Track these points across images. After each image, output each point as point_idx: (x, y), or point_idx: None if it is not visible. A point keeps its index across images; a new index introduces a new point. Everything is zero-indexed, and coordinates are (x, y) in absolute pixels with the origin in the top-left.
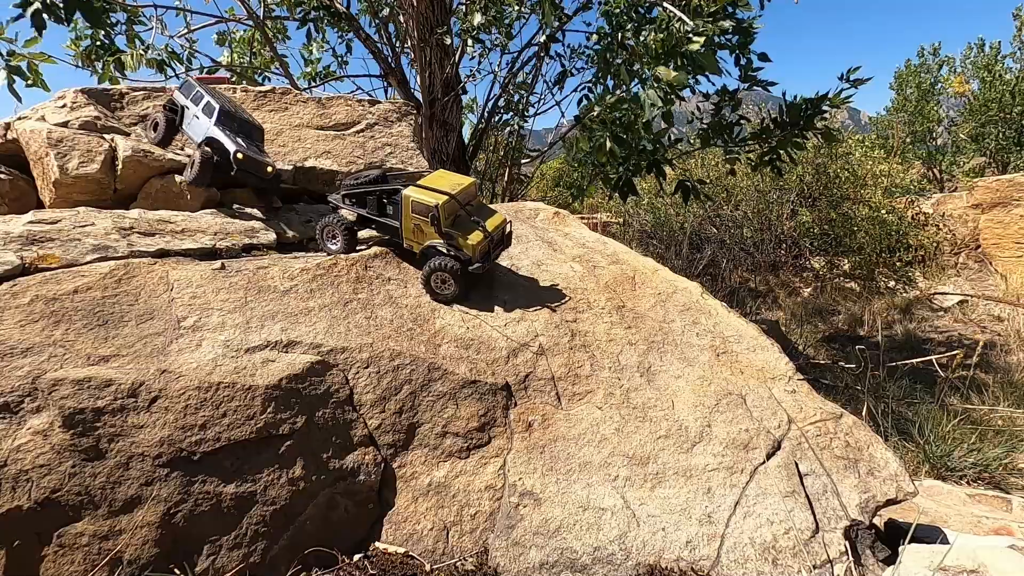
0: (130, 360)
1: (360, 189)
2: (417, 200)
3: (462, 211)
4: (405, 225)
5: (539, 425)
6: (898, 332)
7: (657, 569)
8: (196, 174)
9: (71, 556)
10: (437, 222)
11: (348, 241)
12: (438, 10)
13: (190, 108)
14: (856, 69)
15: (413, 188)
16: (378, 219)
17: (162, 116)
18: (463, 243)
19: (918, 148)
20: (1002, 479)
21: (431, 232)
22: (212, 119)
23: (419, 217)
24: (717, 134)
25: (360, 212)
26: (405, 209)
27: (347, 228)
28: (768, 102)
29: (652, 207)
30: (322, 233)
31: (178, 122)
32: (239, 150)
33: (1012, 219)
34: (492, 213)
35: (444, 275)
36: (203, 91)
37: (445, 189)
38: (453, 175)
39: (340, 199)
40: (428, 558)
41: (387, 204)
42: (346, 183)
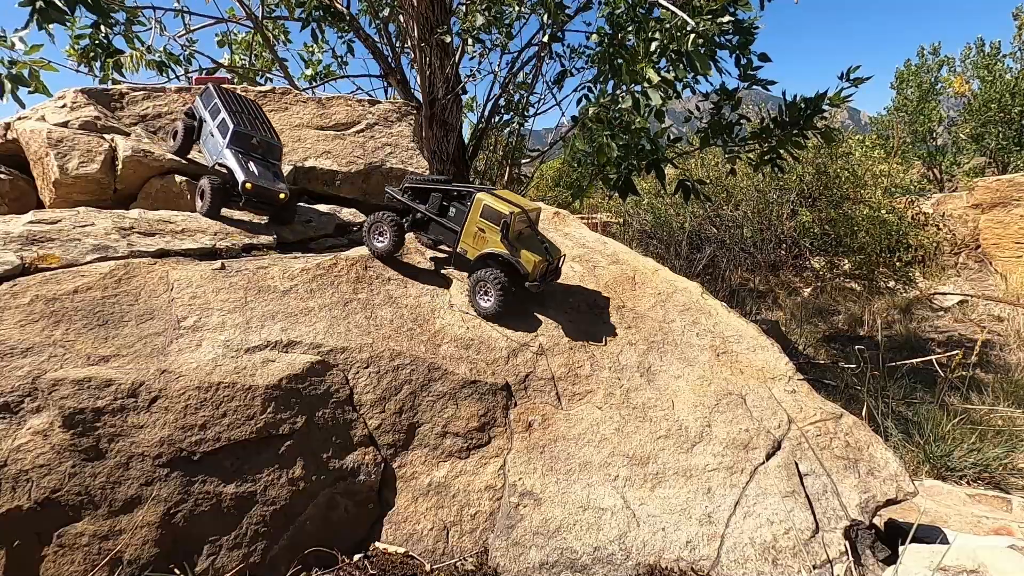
0: (130, 360)
1: (427, 185)
2: (490, 205)
3: (529, 229)
4: (467, 228)
5: (539, 425)
6: (898, 332)
7: (657, 569)
8: (208, 205)
9: (71, 556)
10: (506, 230)
11: (396, 239)
12: (438, 10)
13: (208, 122)
14: (856, 68)
15: (486, 194)
16: (436, 218)
17: (181, 125)
18: (525, 257)
19: (918, 148)
20: (1002, 479)
21: (494, 239)
22: (225, 140)
23: (486, 222)
24: (717, 134)
25: (419, 208)
26: (473, 211)
27: (397, 225)
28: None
29: (652, 207)
30: (370, 229)
31: (196, 133)
32: (248, 179)
33: (1012, 219)
34: (554, 246)
35: (487, 286)
36: (221, 104)
37: (518, 203)
38: (522, 198)
39: (398, 191)
40: (428, 558)
41: (449, 206)
42: (411, 177)
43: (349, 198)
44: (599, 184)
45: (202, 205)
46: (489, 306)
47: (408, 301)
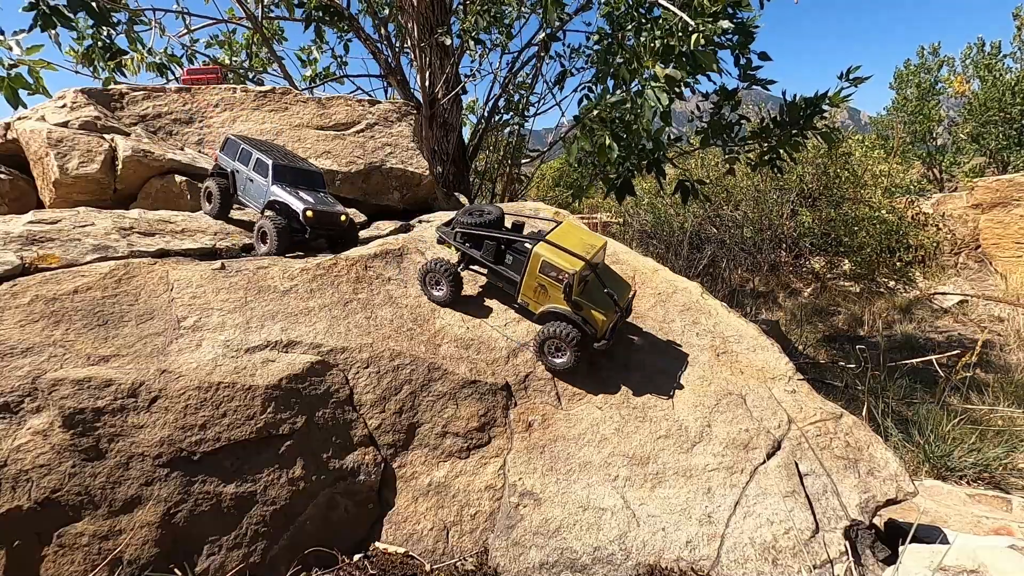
0: (130, 360)
1: (479, 231)
2: (549, 261)
3: (592, 275)
4: (527, 282)
5: (539, 425)
6: (898, 332)
7: (657, 569)
8: (275, 245)
9: (71, 556)
10: (569, 290)
11: (454, 289)
12: (438, 10)
13: (241, 171)
14: (856, 68)
15: (545, 246)
16: (493, 267)
17: (214, 185)
18: (594, 316)
19: (918, 148)
20: (1002, 479)
21: (557, 297)
22: (269, 178)
23: (546, 279)
24: (717, 134)
25: (472, 254)
26: (531, 266)
27: (453, 275)
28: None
29: (652, 207)
30: (424, 278)
31: (232, 188)
32: (308, 207)
33: (1012, 219)
34: (621, 282)
35: (560, 343)
36: (248, 147)
37: (580, 252)
38: (582, 230)
39: (450, 234)
40: (428, 558)
41: (507, 253)
42: (461, 219)
43: (349, 198)
44: (599, 184)
45: (266, 248)
46: (563, 362)
47: (408, 301)
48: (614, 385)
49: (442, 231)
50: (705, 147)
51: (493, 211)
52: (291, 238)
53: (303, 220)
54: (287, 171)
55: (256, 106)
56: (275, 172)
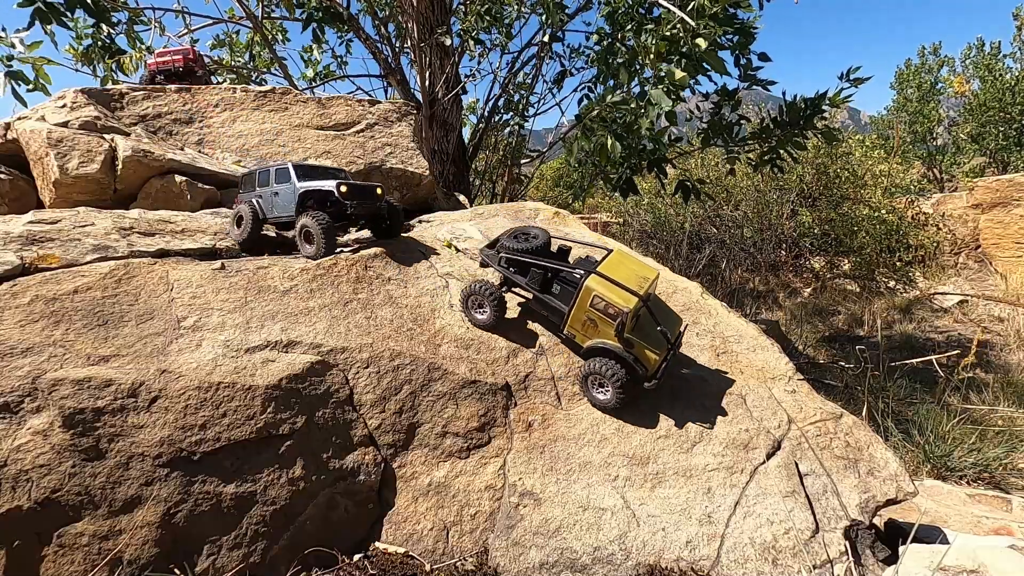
0: (130, 360)
1: (526, 258)
2: (601, 296)
3: (644, 309)
4: (575, 315)
5: (539, 425)
6: (898, 332)
7: (657, 569)
8: (324, 245)
9: (71, 556)
10: (622, 328)
11: (498, 313)
12: (438, 10)
13: (265, 192)
14: (857, 69)
15: (597, 279)
16: (539, 295)
17: (247, 208)
18: (645, 355)
19: (918, 148)
20: (1002, 479)
21: (607, 332)
22: (293, 178)
23: (597, 313)
24: (717, 134)
25: (517, 281)
26: (581, 300)
27: (498, 300)
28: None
29: (652, 207)
30: (467, 302)
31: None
32: (340, 183)
33: (1012, 219)
34: (672, 315)
35: (604, 381)
36: (261, 168)
37: (633, 287)
38: (633, 259)
39: (494, 257)
40: (428, 558)
41: (553, 282)
42: (506, 243)
43: None
44: (599, 184)
45: (313, 249)
46: (606, 399)
47: (408, 301)
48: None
49: (485, 254)
50: (706, 147)
51: (540, 235)
52: (336, 234)
53: (339, 195)
54: (308, 168)
55: (256, 106)
56: (298, 171)
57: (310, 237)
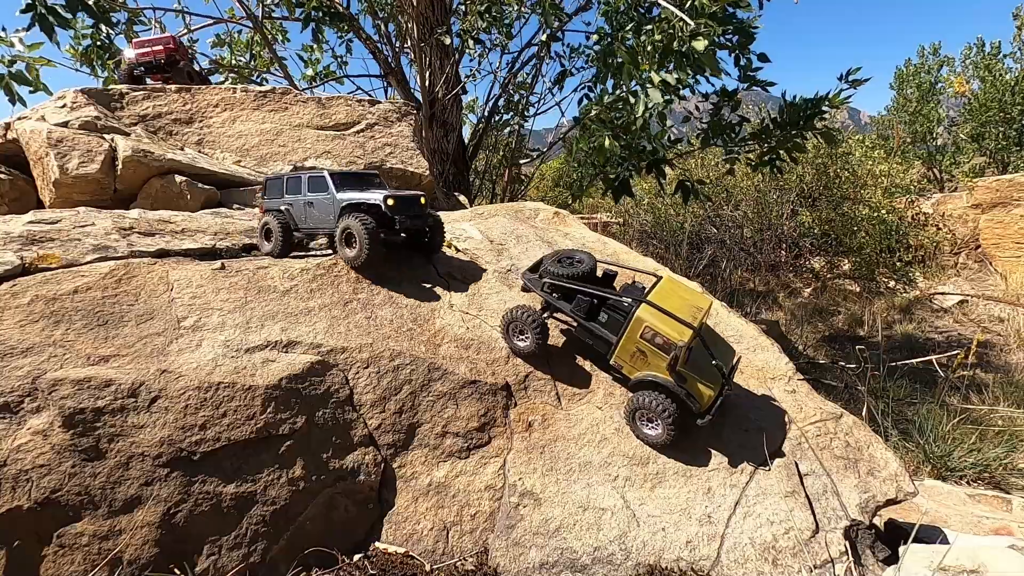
0: (130, 360)
1: (572, 285)
2: (653, 327)
3: (698, 341)
4: (623, 345)
5: (539, 425)
6: (898, 332)
7: (657, 569)
8: (366, 247)
9: (71, 556)
10: (675, 362)
11: (540, 340)
12: (438, 10)
13: (296, 201)
14: (857, 70)
15: (648, 309)
16: (585, 323)
17: (274, 220)
18: (699, 390)
19: (918, 148)
20: (1002, 479)
21: (658, 365)
22: (331, 189)
23: (648, 345)
24: (717, 134)
25: (561, 308)
26: (631, 330)
27: (540, 327)
28: (768, 102)
29: (652, 207)
30: (507, 328)
31: (292, 224)
32: (387, 195)
33: (1012, 219)
34: (725, 346)
35: (654, 416)
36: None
37: (686, 318)
38: (683, 287)
39: (537, 282)
40: (428, 558)
41: (600, 310)
42: (550, 268)
43: None
44: (599, 184)
45: (354, 252)
46: (655, 435)
47: (408, 301)
48: (614, 385)
49: (528, 278)
50: (705, 147)
51: (585, 260)
52: (380, 239)
53: (386, 208)
54: (345, 177)
55: (256, 106)
56: (335, 180)
57: (352, 240)
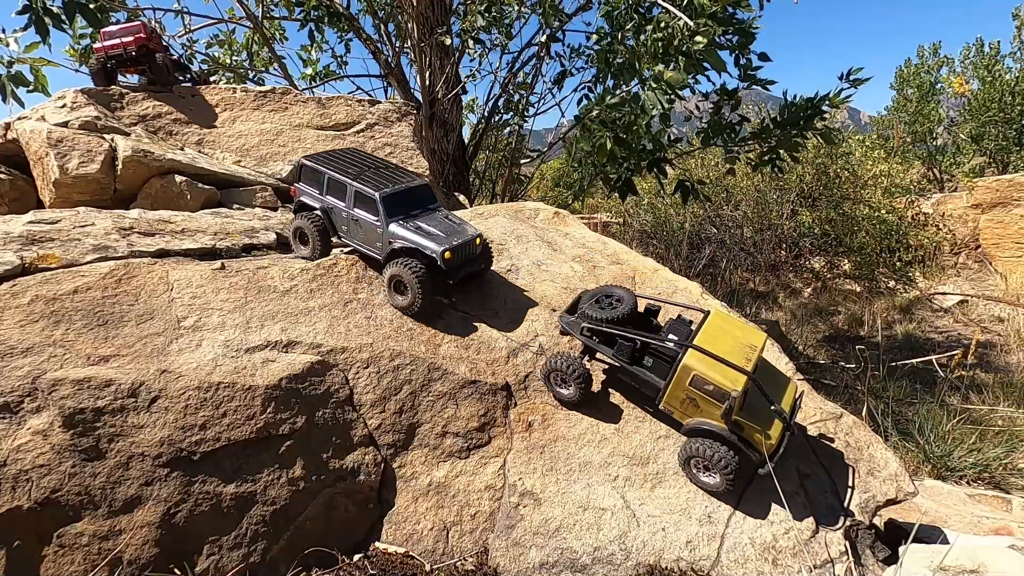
0: (130, 360)
1: (612, 330)
2: (703, 376)
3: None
4: (672, 392)
5: (539, 425)
6: (898, 332)
7: (657, 569)
8: (419, 298)
9: (71, 556)
10: (730, 411)
11: (584, 389)
12: (438, 10)
13: (337, 208)
14: (858, 70)
15: (697, 356)
16: (628, 368)
17: (311, 225)
18: (757, 439)
19: (918, 148)
20: (1002, 479)
21: (711, 412)
22: (381, 215)
23: (699, 393)
24: (717, 134)
25: (602, 352)
26: (679, 378)
27: (583, 377)
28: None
29: (652, 207)
30: (548, 377)
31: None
32: (445, 247)
33: (1012, 219)
34: (783, 380)
35: (708, 464)
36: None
37: (739, 363)
38: (733, 323)
39: (575, 326)
40: (428, 558)
41: (644, 355)
42: (589, 311)
43: None
44: (599, 184)
45: (407, 300)
46: (714, 484)
47: None
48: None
49: (565, 321)
50: (706, 147)
51: (625, 298)
52: (433, 288)
53: (442, 263)
54: (397, 198)
55: (256, 106)
56: (387, 206)
57: (402, 288)
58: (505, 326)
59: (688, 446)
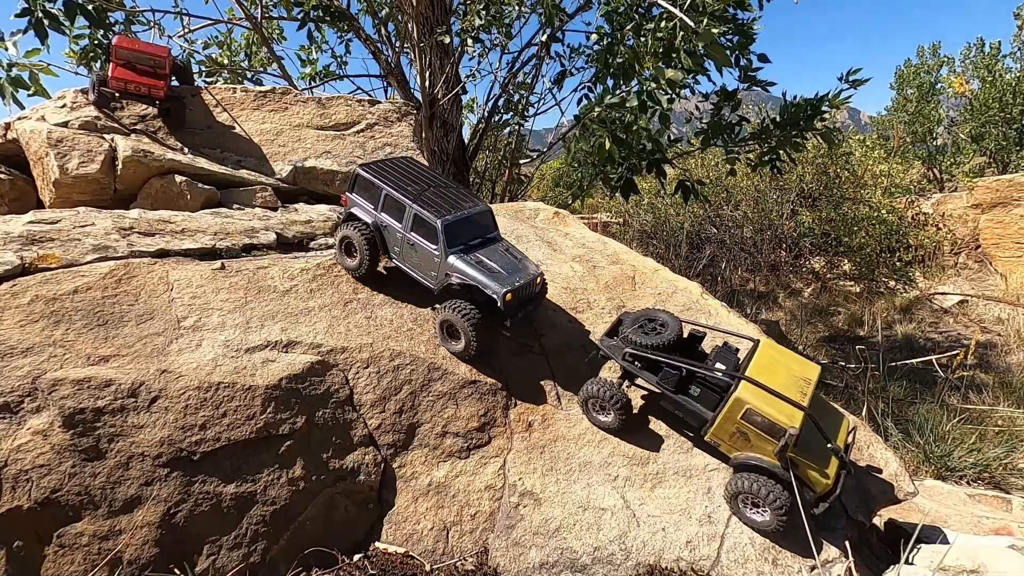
0: (130, 360)
1: (658, 357)
2: (757, 410)
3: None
4: (722, 425)
5: (539, 425)
6: (898, 332)
7: (657, 569)
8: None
9: (71, 556)
10: (786, 448)
11: (623, 417)
12: (438, 10)
13: (391, 225)
14: (857, 70)
15: (749, 389)
16: (673, 397)
17: (360, 237)
18: (812, 477)
19: (918, 148)
20: (1002, 479)
21: (763, 448)
22: (441, 244)
23: (751, 427)
24: (717, 134)
25: (645, 378)
26: (730, 410)
27: (623, 404)
28: (768, 102)
29: (652, 207)
30: (587, 403)
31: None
32: (507, 289)
33: (1012, 219)
34: (835, 414)
35: (759, 501)
36: (396, 192)
37: (795, 397)
38: (788, 354)
39: (617, 350)
40: (428, 558)
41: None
42: (632, 336)
43: None
44: (599, 184)
45: (461, 345)
46: (764, 522)
47: (408, 301)
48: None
49: (606, 345)
50: (706, 147)
51: (670, 324)
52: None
53: (502, 306)
54: (459, 227)
55: (256, 106)
56: (448, 235)
57: (456, 334)
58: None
59: (737, 482)
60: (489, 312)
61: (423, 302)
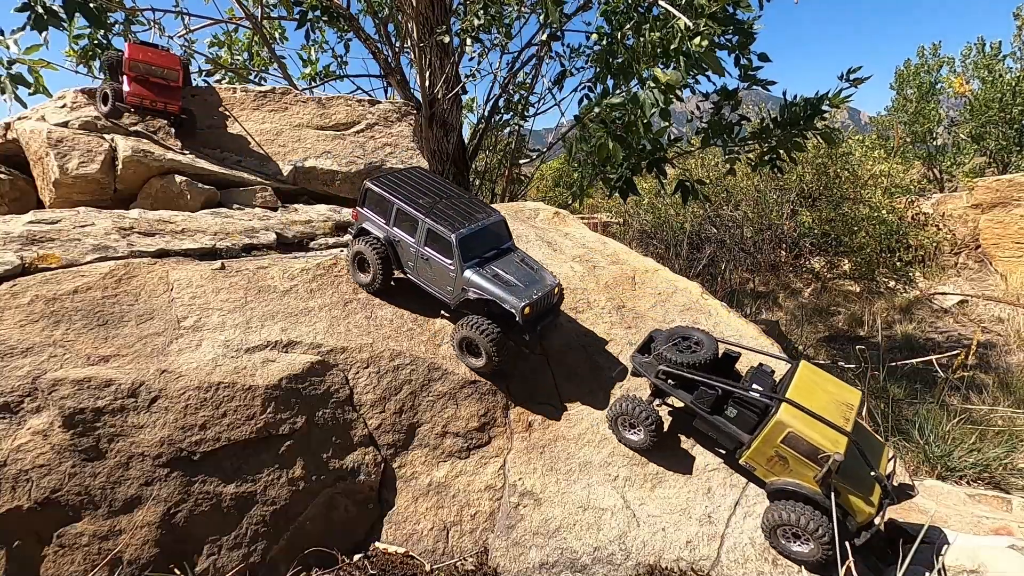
0: (130, 360)
1: (694, 376)
2: (799, 435)
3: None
4: (759, 448)
5: (539, 425)
6: (898, 332)
7: (657, 569)
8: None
9: (71, 556)
10: (829, 475)
11: (655, 436)
12: (438, 10)
13: (406, 242)
14: (857, 69)
15: (791, 412)
16: (708, 417)
17: (372, 252)
18: (854, 506)
19: (918, 148)
20: (1002, 479)
21: (803, 473)
22: (456, 258)
23: (791, 452)
24: (717, 134)
25: (679, 397)
26: (770, 434)
27: (655, 423)
28: (768, 102)
29: (652, 207)
30: (616, 421)
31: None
32: (525, 302)
33: (1012, 219)
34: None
35: (800, 532)
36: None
37: (838, 422)
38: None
39: (650, 368)
40: (428, 558)
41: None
42: (666, 354)
43: (349, 198)
44: (599, 184)
45: (481, 362)
46: (807, 553)
47: (408, 301)
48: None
49: (638, 362)
50: (706, 147)
51: (705, 343)
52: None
53: (520, 319)
54: (474, 240)
55: (256, 106)
56: (463, 248)
57: (476, 350)
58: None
59: (777, 513)
60: (507, 326)
61: (423, 302)
